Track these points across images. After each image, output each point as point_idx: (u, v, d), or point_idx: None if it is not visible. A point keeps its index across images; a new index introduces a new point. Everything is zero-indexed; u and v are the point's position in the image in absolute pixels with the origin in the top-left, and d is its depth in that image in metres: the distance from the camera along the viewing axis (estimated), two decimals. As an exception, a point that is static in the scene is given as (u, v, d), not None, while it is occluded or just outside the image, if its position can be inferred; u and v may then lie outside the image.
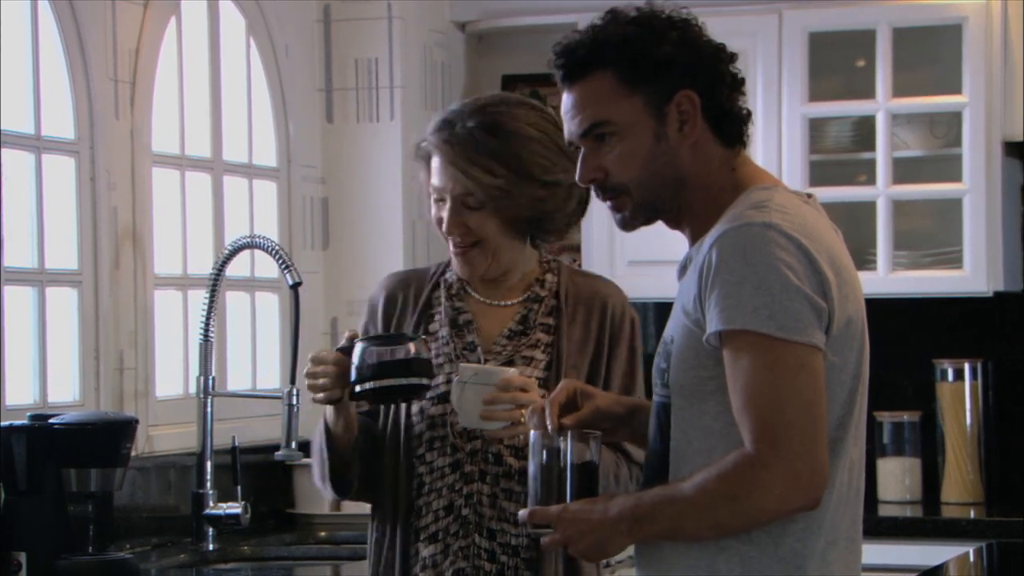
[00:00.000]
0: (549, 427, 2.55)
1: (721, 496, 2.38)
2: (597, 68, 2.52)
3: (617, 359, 3.13)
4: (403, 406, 3.12)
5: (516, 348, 3.12)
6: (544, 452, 2.51)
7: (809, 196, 2.57)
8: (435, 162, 3.09)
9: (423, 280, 3.21)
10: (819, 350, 2.40)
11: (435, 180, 3.09)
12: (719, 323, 2.39)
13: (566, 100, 2.56)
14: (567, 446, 2.50)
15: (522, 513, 2.51)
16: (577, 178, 2.55)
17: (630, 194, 2.53)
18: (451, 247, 3.12)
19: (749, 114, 2.58)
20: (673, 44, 2.52)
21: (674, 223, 2.58)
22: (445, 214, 3.08)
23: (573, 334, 3.12)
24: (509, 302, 3.16)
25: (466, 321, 3.15)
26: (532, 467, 2.52)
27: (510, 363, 3.10)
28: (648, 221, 2.56)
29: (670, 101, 2.51)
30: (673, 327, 2.52)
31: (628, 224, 2.57)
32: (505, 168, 3.05)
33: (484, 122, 3.07)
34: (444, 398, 3.08)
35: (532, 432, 2.55)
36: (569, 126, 2.56)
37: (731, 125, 2.56)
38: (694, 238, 2.55)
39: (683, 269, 2.57)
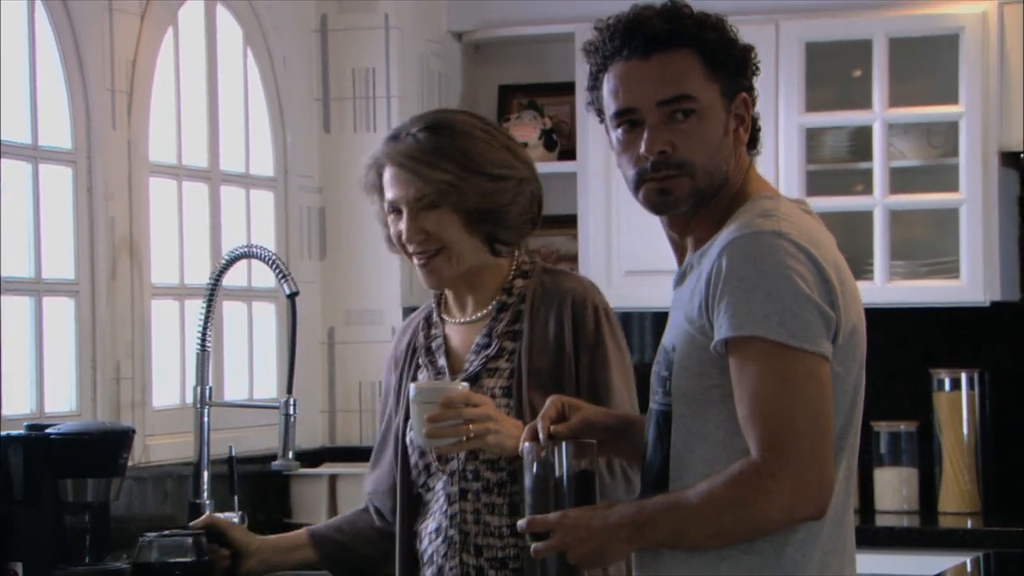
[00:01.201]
0: (541, 438, 2.55)
1: (727, 504, 2.37)
2: (684, 45, 2.51)
3: (582, 353, 3.11)
4: (399, 438, 3.20)
5: (482, 361, 3.13)
6: (537, 464, 2.50)
7: (804, 205, 2.58)
8: (386, 176, 3.14)
9: (418, 320, 3.27)
10: (827, 360, 2.40)
11: (388, 193, 3.13)
12: (728, 330, 2.39)
13: (639, 67, 2.50)
14: (562, 456, 2.49)
15: (521, 523, 2.50)
16: (644, 148, 2.50)
17: (693, 176, 2.51)
18: (415, 261, 3.14)
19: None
20: (746, 46, 2.56)
21: (684, 224, 2.57)
22: (403, 223, 3.11)
23: (536, 337, 3.12)
24: (478, 315, 3.17)
25: (437, 347, 3.19)
26: (528, 480, 2.51)
27: (476, 377, 3.11)
28: (691, 208, 2.53)
29: (735, 99, 2.54)
30: (674, 335, 2.51)
31: (673, 206, 2.52)
32: (451, 163, 3.09)
33: (427, 125, 3.13)
34: None
35: (525, 445, 2.54)
36: (642, 92, 2.50)
37: (757, 134, 2.59)
38: (697, 243, 2.55)
39: (681, 277, 2.57)
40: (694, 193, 2.52)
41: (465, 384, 3.04)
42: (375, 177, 3.17)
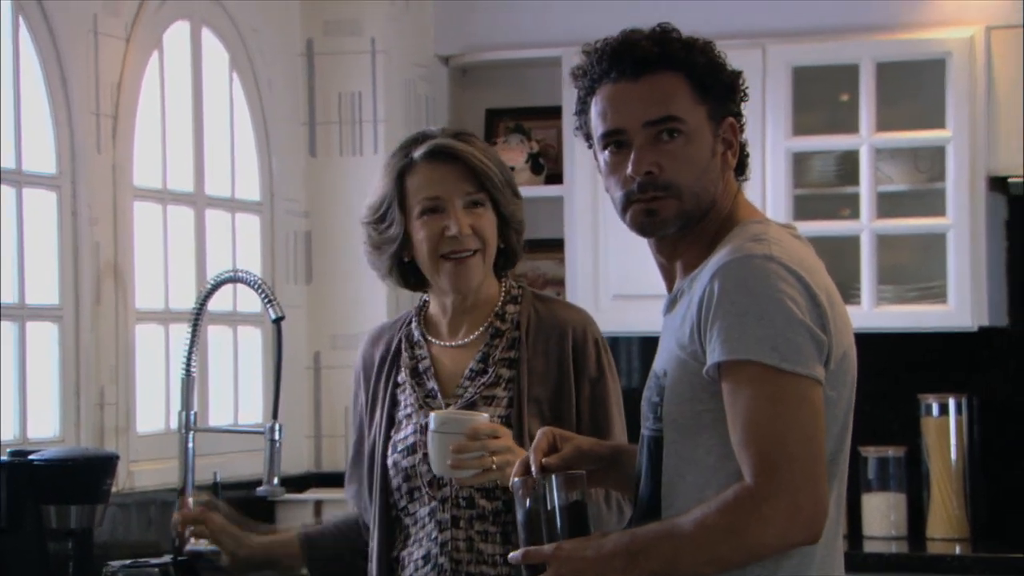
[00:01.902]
0: (534, 471, 2.53)
1: (721, 530, 2.36)
2: (672, 68, 2.51)
3: (583, 385, 3.11)
4: (378, 460, 3.15)
5: (478, 389, 3.11)
6: (528, 498, 2.49)
7: (794, 230, 2.58)
8: (420, 177, 3.10)
9: (393, 333, 3.23)
10: (820, 383, 2.39)
11: (428, 192, 3.09)
12: (721, 354, 2.38)
13: (628, 89, 2.51)
14: (553, 489, 2.48)
15: (513, 555, 2.48)
16: (631, 168, 2.50)
17: (680, 198, 2.51)
18: (450, 261, 3.10)
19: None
20: (735, 71, 2.57)
21: (672, 247, 2.56)
22: (452, 219, 3.08)
23: (535, 366, 3.10)
24: (468, 338, 3.15)
25: (425, 368, 3.15)
26: (520, 515, 2.50)
27: (472, 405, 3.09)
28: (678, 230, 2.53)
29: (722, 123, 2.54)
30: (665, 360, 2.50)
31: (659, 227, 2.52)
32: (494, 162, 3.13)
33: (455, 132, 3.16)
34: (413, 449, 3.08)
35: (514, 480, 2.53)
36: (629, 113, 2.51)
37: (745, 159, 2.59)
38: (686, 268, 2.54)
39: (671, 303, 2.56)
40: (681, 215, 2.51)
41: (485, 415, 3.01)
42: (395, 185, 3.12)
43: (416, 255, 3.14)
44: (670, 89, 2.51)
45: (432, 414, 3.00)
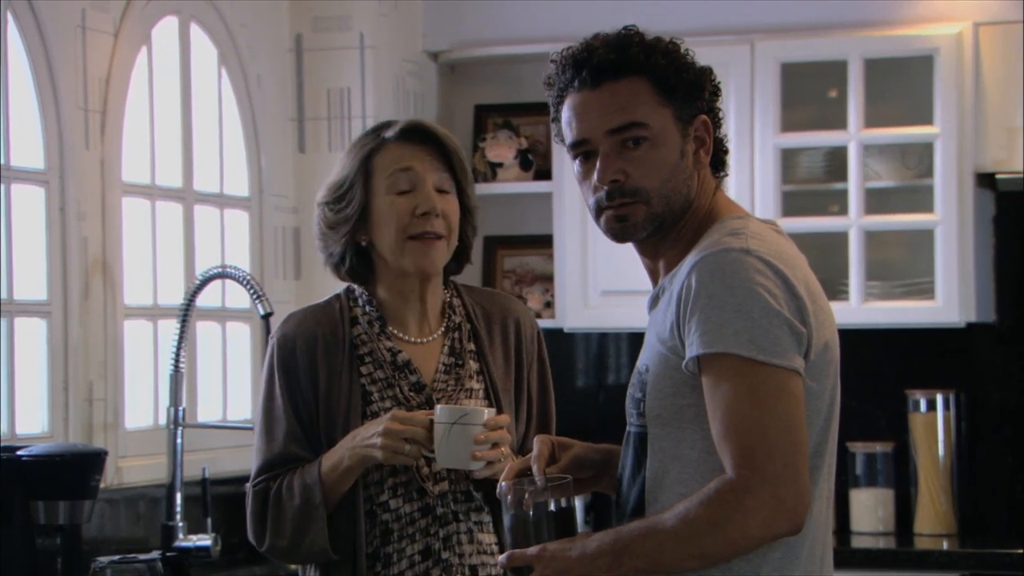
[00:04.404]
0: (539, 482, 2.53)
1: (704, 524, 2.36)
2: (633, 73, 2.52)
3: (533, 373, 3.17)
4: None
5: (458, 380, 3.11)
6: (515, 504, 2.49)
7: (775, 225, 2.58)
8: (397, 150, 3.08)
9: (332, 316, 3.12)
10: (799, 374, 2.40)
11: (404, 162, 3.08)
12: (699, 347, 2.39)
13: (590, 98, 2.52)
14: (540, 495, 2.48)
15: (501, 558, 2.49)
16: (596, 176, 2.52)
17: (648, 203, 2.52)
18: (413, 243, 3.06)
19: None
20: (702, 68, 2.56)
21: (654, 249, 2.57)
22: (423, 196, 3.06)
23: (496, 358, 3.14)
24: (431, 337, 3.14)
25: (404, 361, 3.10)
26: (507, 519, 2.50)
27: (455, 397, 3.10)
28: (651, 235, 2.54)
29: (692, 122, 2.54)
30: (648, 356, 2.51)
31: (631, 233, 2.54)
32: (460, 154, 3.14)
33: (421, 119, 3.18)
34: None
35: (501, 485, 2.53)
36: (592, 123, 2.52)
37: (723, 156, 2.60)
38: (668, 267, 2.55)
39: (654, 300, 2.56)
40: (651, 219, 2.53)
41: (493, 409, 3.02)
42: (360, 164, 3.08)
43: (377, 235, 3.09)
44: (631, 95, 2.51)
45: (441, 408, 2.97)
